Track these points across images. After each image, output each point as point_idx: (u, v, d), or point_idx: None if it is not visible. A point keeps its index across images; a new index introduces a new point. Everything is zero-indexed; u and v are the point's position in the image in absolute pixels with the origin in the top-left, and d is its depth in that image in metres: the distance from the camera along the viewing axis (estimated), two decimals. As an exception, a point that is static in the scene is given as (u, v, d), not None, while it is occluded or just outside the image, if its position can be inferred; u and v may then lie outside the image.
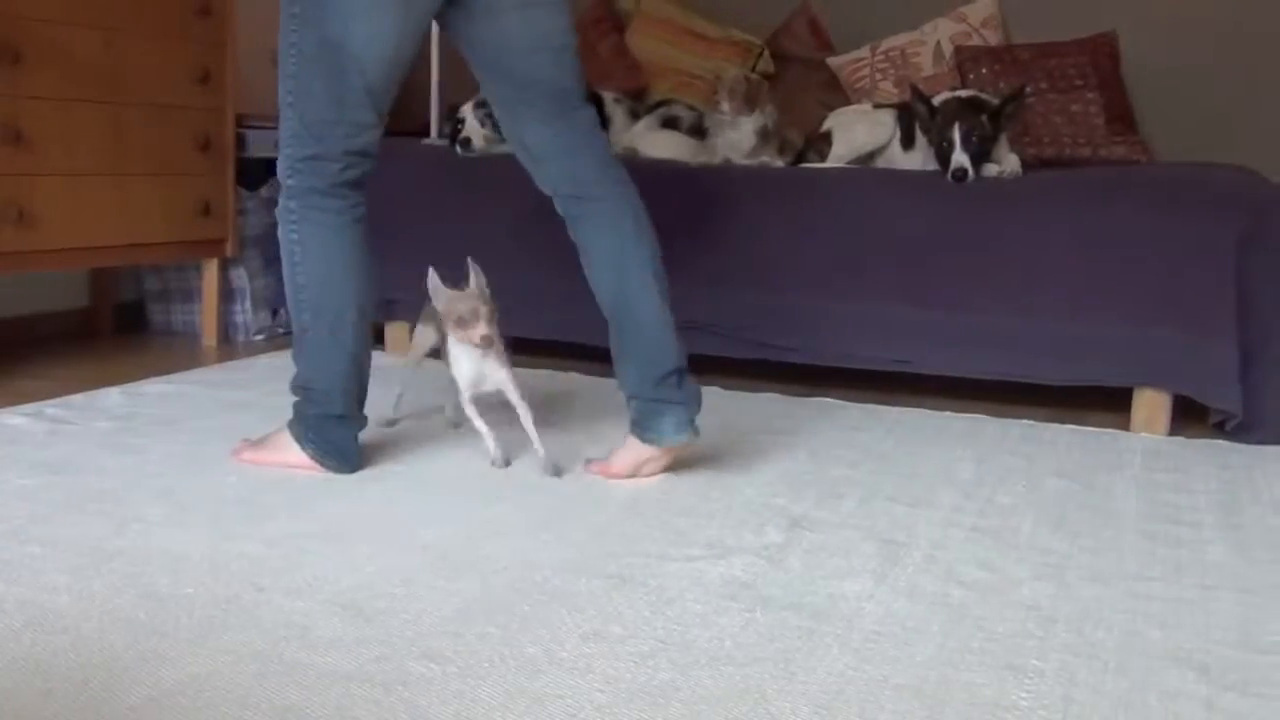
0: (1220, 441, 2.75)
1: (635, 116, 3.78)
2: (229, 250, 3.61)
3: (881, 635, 1.60)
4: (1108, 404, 2.96)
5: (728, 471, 2.38)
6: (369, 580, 1.72)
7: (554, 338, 3.37)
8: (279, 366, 3.25)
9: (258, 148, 3.79)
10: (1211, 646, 1.60)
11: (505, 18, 2.23)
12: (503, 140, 3.50)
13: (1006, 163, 3.14)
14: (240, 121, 3.67)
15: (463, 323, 2.31)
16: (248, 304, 3.71)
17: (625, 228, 2.31)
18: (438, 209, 3.44)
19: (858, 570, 1.84)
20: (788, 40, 4.18)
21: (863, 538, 2.00)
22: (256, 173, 3.82)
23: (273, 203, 3.70)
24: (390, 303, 3.47)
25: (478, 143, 3.47)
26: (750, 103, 3.41)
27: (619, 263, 2.31)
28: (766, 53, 4.13)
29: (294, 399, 2.32)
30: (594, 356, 3.35)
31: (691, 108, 3.72)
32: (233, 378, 3.11)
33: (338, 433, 2.29)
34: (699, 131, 3.59)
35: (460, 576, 1.75)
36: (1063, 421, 2.88)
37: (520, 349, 3.52)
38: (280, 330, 3.72)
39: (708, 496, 2.21)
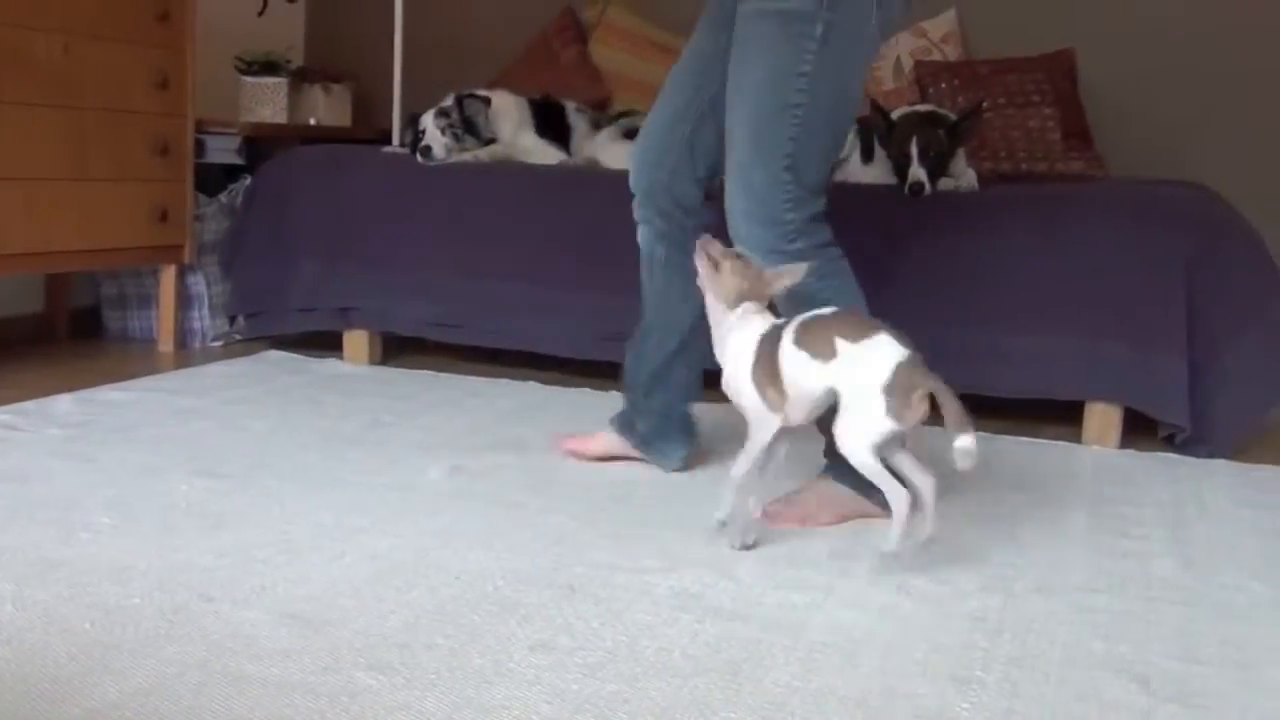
0: (1169, 455, 2.78)
1: (597, 127, 3.79)
2: (187, 256, 3.59)
3: (829, 646, 1.61)
4: (1060, 417, 2.98)
5: (676, 482, 2.40)
6: (318, 591, 1.72)
7: (517, 348, 3.37)
8: (236, 374, 3.25)
9: (216, 153, 3.79)
10: (1153, 658, 1.62)
11: None
12: (463, 148, 3.54)
13: (963, 177, 3.17)
14: (200, 127, 3.66)
15: None
16: (205, 310, 3.69)
17: None
18: (398, 217, 3.44)
19: (807, 582, 1.86)
20: (750, 52, 4.20)
21: (814, 549, 2.02)
22: (214, 178, 3.81)
23: (231, 208, 3.71)
24: (349, 310, 3.47)
25: (438, 151, 3.47)
26: None
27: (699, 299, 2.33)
28: (728, 65, 4.14)
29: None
30: (553, 366, 3.37)
31: (653, 119, 3.74)
32: (189, 385, 3.09)
33: None
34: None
35: (410, 587, 1.75)
36: (1015, 434, 2.91)
37: (482, 358, 3.54)
38: (237, 337, 3.70)
39: (660, 507, 2.21)
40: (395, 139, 3.90)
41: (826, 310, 1.94)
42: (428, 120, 3.51)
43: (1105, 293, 2.79)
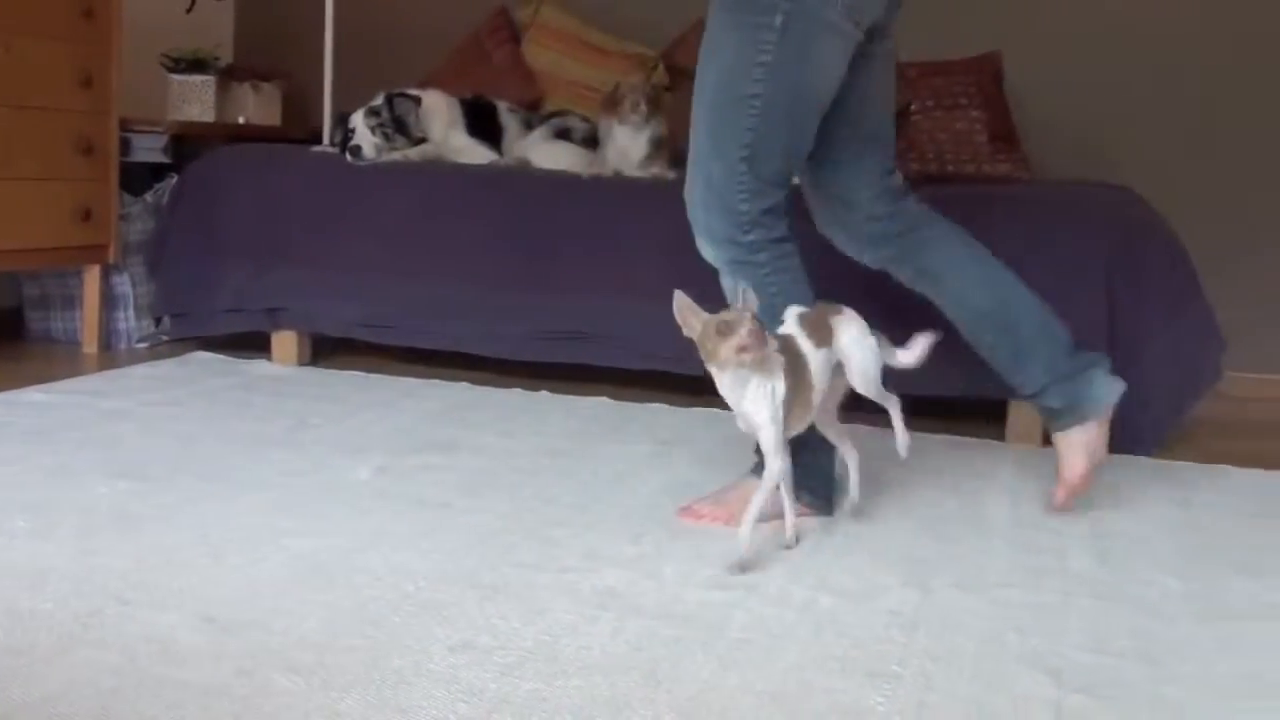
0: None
1: (529, 127, 3.79)
2: (111, 256, 3.55)
3: (748, 643, 1.63)
4: (984, 416, 3.03)
5: (609, 482, 2.40)
6: (238, 593, 1.71)
7: (449, 348, 3.36)
8: (161, 375, 3.21)
9: (142, 152, 3.74)
10: (1065, 651, 1.65)
11: (881, 66, 2.22)
12: (393, 148, 3.52)
13: (889, 178, 3.20)
14: (125, 125, 3.61)
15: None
16: (130, 311, 3.65)
17: (968, 237, 2.32)
18: (328, 217, 3.42)
19: (729, 580, 1.87)
20: (683, 54, 4.21)
21: (735, 547, 2.03)
22: (140, 178, 3.76)
23: (157, 208, 3.67)
24: (277, 311, 3.44)
25: (368, 151, 3.46)
26: (654, 107, 3.43)
27: (984, 270, 2.30)
28: (662, 66, 4.16)
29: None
30: (485, 366, 3.36)
31: (585, 119, 3.75)
32: (113, 387, 3.05)
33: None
34: (593, 143, 3.61)
35: (332, 588, 1.74)
36: (940, 433, 2.95)
37: (414, 359, 3.52)
38: (163, 338, 3.66)
39: (587, 508, 2.22)
40: (326, 138, 3.88)
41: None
42: (357, 119, 3.49)
43: (1028, 293, 2.83)
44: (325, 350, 3.59)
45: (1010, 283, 2.29)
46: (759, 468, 2.22)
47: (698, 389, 3.20)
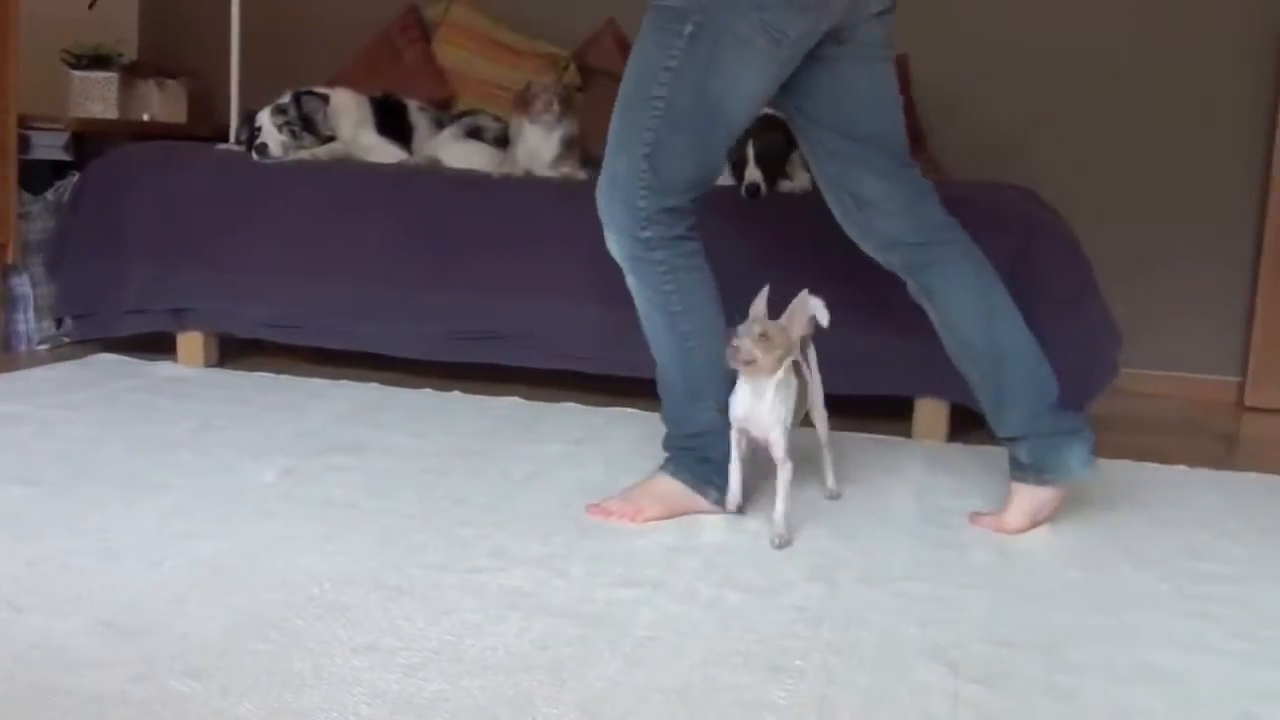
0: (995, 448, 2.87)
1: (440, 126, 3.77)
2: (10, 256, 3.46)
3: (654, 640, 1.64)
4: (891, 413, 3.07)
5: (519, 482, 2.40)
6: (136, 598, 1.68)
7: (359, 348, 3.33)
8: (62, 378, 3.14)
9: (42, 149, 3.65)
10: (964, 642, 1.69)
11: (852, 69, 2.20)
12: (301, 146, 3.48)
13: (799, 179, 3.23)
14: (24, 122, 3.52)
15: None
16: (30, 313, 3.55)
17: (981, 267, 2.26)
18: (235, 216, 3.36)
19: (637, 578, 1.88)
20: (594, 54, 4.22)
21: (647, 545, 2.04)
22: (41, 175, 3.67)
23: (58, 207, 3.58)
24: (183, 311, 3.38)
25: (275, 149, 3.41)
26: (565, 106, 3.43)
27: (987, 303, 2.24)
28: (573, 66, 4.16)
29: (680, 449, 2.26)
30: (396, 367, 3.34)
31: (497, 118, 3.73)
32: (11, 389, 2.98)
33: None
34: (504, 143, 3.60)
35: (234, 591, 1.72)
36: (849, 430, 2.98)
37: (324, 360, 3.48)
38: (65, 340, 3.58)
39: (496, 507, 2.21)
40: (232, 136, 3.82)
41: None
42: (264, 117, 3.44)
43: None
44: (233, 351, 3.54)
45: (1008, 326, 2.24)
46: (668, 463, 2.24)
47: (611, 388, 3.22)
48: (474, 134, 3.67)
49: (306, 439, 2.64)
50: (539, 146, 3.39)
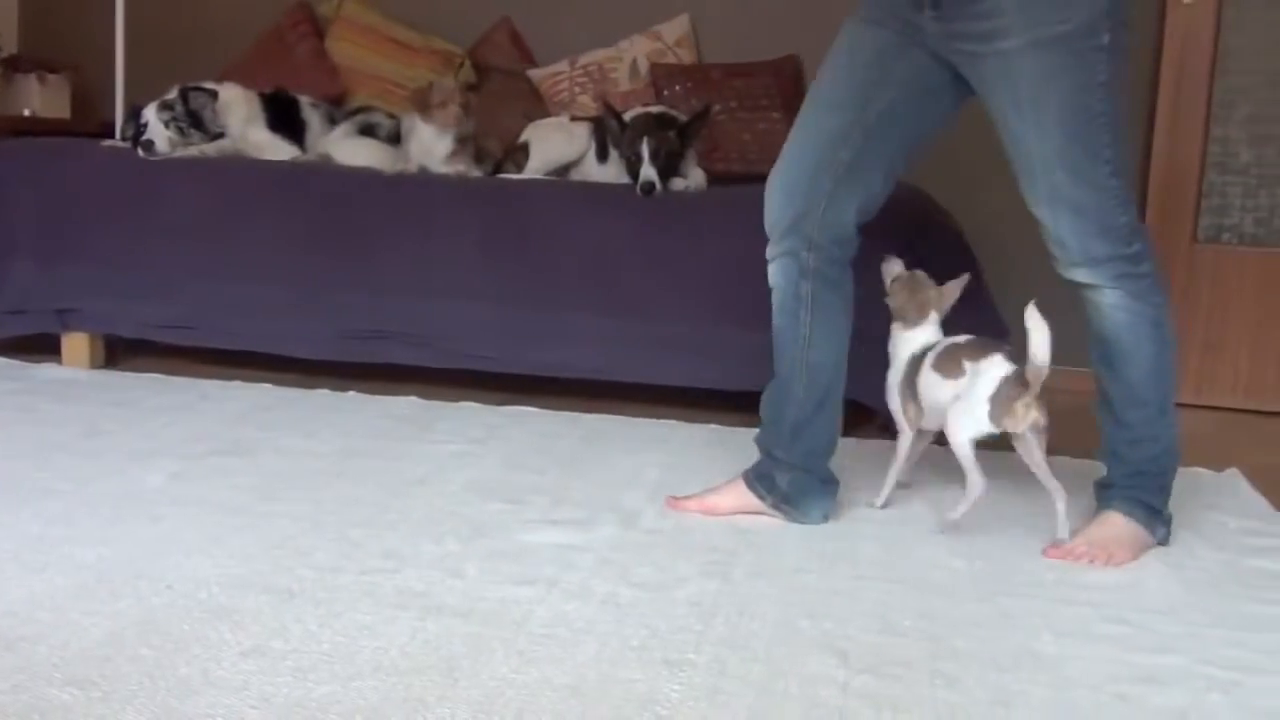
0: (884, 440, 2.93)
1: (333, 122, 3.72)
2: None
3: (548, 638, 1.64)
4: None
5: (411, 482, 2.38)
6: (15, 606, 1.64)
7: (251, 349, 3.28)
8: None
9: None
10: (853, 633, 1.72)
11: None
12: (188, 143, 3.42)
13: (692, 177, 3.26)
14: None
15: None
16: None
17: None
18: (121, 214, 3.29)
19: (532, 576, 1.88)
20: (489, 51, 4.21)
21: (541, 543, 2.04)
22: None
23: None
24: (67, 312, 3.30)
25: (161, 145, 3.34)
26: (464, 107, 3.41)
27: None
28: (468, 62, 4.14)
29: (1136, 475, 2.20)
30: (290, 367, 3.29)
31: (391, 115, 3.70)
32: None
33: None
34: (398, 140, 3.57)
35: (118, 598, 1.69)
36: (752, 426, 3.00)
37: (217, 360, 3.42)
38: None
39: (389, 507, 2.20)
40: (117, 132, 3.73)
41: (961, 339, 2.25)
42: (150, 113, 3.37)
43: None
44: (121, 353, 3.46)
45: (828, 368, 2.29)
46: (1116, 499, 2.21)
47: (512, 387, 3.21)
48: (367, 131, 3.63)
49: (196, 441, 2.60)
50: (433, 144, 3.38)
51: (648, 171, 3.10)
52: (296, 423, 2.80)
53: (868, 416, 2.99)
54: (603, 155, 3.41)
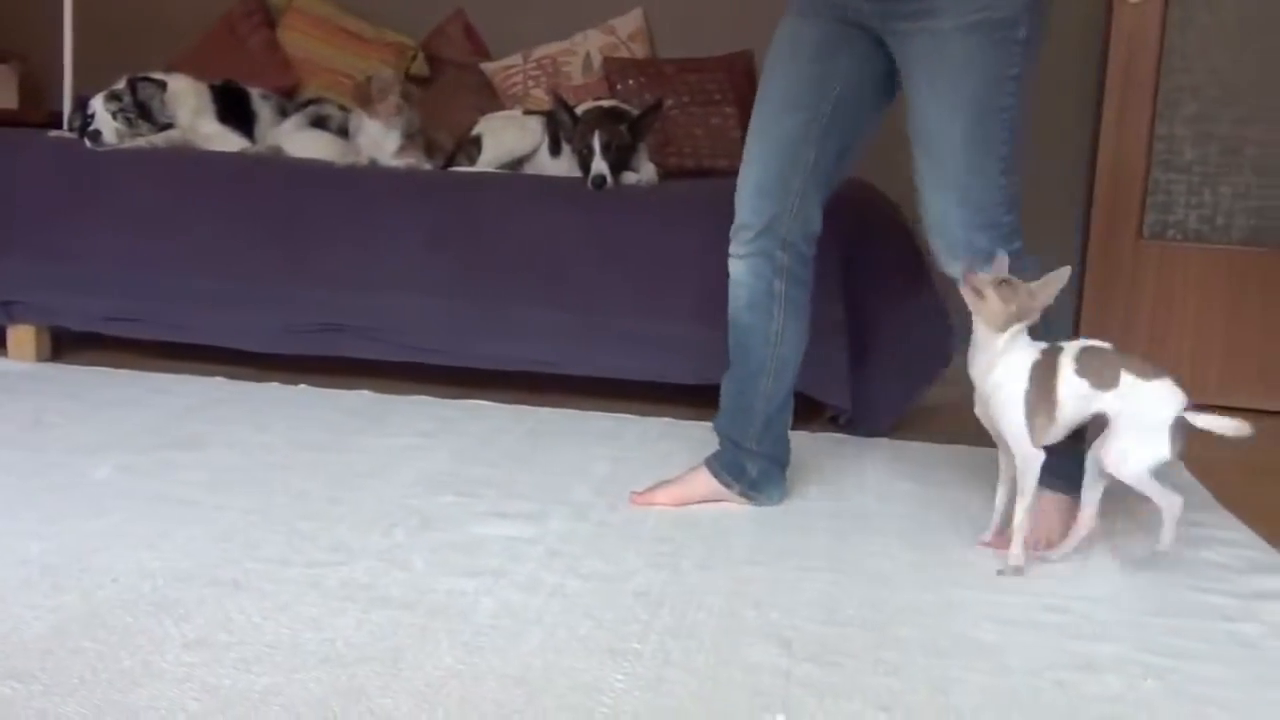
0: (833, 434, 2.96)
1: (283, 114, 3.70)
2: None
3: (494, 628, 1.65)
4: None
5: (361, 475, 2.37)
6: (-45, 599, 1.62)
7: (200, 341, 3.25)
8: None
9: None
10: (798, 622, 1.74)
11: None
12: (137, 134, 3.38)
13: (644, 171, 3.27)
14: None
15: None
16: None
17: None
18: (67, 206, 3.25)
19: (480, 568, 1.88)
20: (442, 43, 4.20)
21: (490, 535, 2.05)
22: None
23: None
24: (11, 304, 3.26)
25: (109, 136, 3.31)
26: (405, 99, 3.40)
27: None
28: (421, 55, 4.13)
29: None
30: (242, 360, 3.27)
31: (342, 107, 3.68)
32: None
33: None
34: (349, 132, 3.55)
35: (60, 592, 1.68)
36: (702, 419, 3.02)
37: (169, 354, 3.39)
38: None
39: (338, 500, 2.19)
40: (65, 123, 3.68)
41: (1101, 344, 2.05)
42: (97, 104, 3.34)
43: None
44: (69, 345, 3.42)
45: (792, 365, 2.32)
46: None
47: (465, 380, 3.21)
48: (318, 123, 3.61)
49: (144, 434, 2.58)
50: (381, 139, 3.37)
51: (599, 165, 3.11)
52: (247, 416, 2.79)
53: (818, 410, 3.01)
54: (555, 149, 3.41)
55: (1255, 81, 3.65)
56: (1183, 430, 2.00)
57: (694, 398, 3.12)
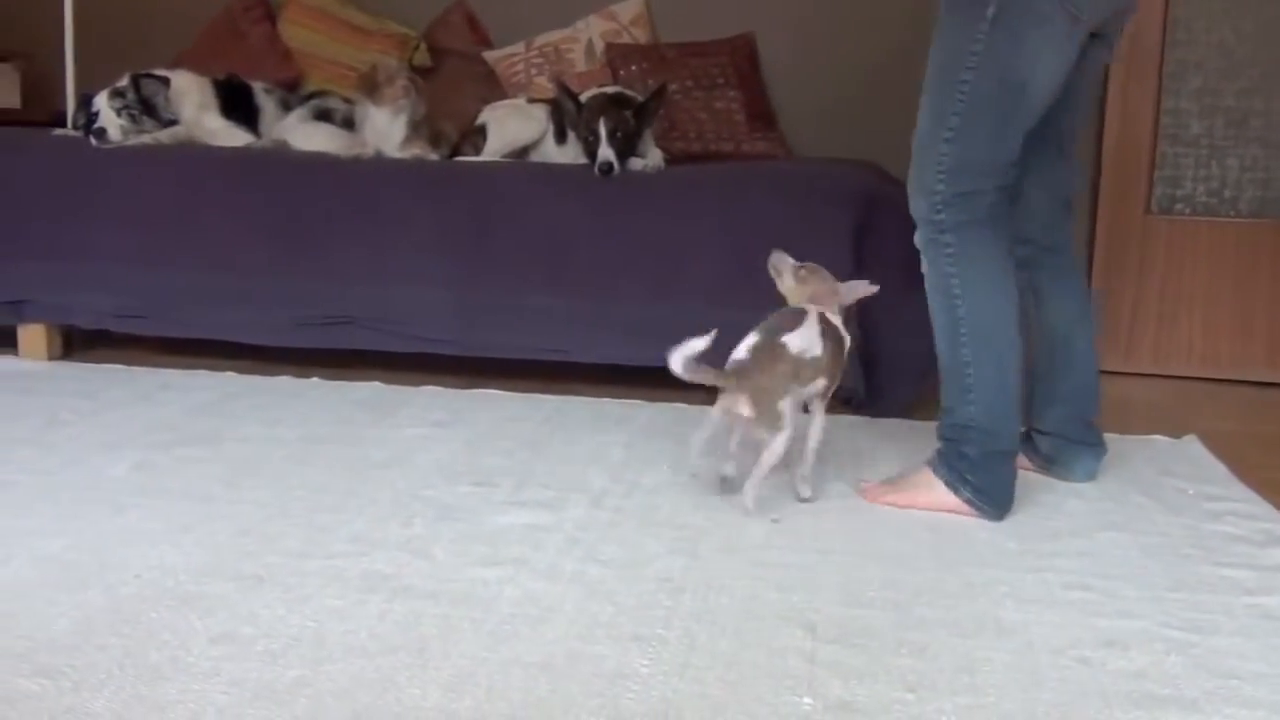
0: (844, 416, 2.96)
1: (287, 108, 3.69)
2: None
3: (517, 617, 1.65)
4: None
5: (377, 466, 2.38)
6: (-21, 599, 1.63)
7: (209, 337, 3.25)
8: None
9: None
10: (820, 605, 1.74)
11: (1092, 63, 2.25)
12: (141, 130, 3.38)
13: (650, 157, 3.27)
14: None
15: None
16: None
17: (1081, 283, 2.46)
18: (74, 204, 3.25)
19: (500, 557, 1.89)
20: (444, 33, 4.19)
21: (508, 524, 2.05)
22: None
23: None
24: (22, 303, 3.26)
25: (113, 134, 3.31)
26: (410, 88, 3.39)
27: (1082, 311, 2.42)
28: (423, 45, 4.12)
29: (945, 440, 2.23)
30: (251, 355, 3.27)
31: (346, 100, 3.68)
32: None
33: (1003, 470, 2.20)
34: (353, 124, 3.55)
35: (84, 588, 1.68)
36: (678, 401, 3.00)
37: (180, 350, 3.39)
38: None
39: (356, 492, 2.20)
40: (69, 121, 3.68)
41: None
42: (101, 101, 3.33)
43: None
44: (79, 343, 3.42)
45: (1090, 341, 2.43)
46: (935, 454, 2.27)
47: (475, 370, 3.21)
48: (322, 116, 3.61)
49: (159, 431, 2.58)
50: (386, 130, 3.36)
51: (605, 152, 3.10)
52: (260, 410, 2.79)
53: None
54: (561, 137, 3.41)
55: (1260, 53, 3.64)
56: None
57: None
